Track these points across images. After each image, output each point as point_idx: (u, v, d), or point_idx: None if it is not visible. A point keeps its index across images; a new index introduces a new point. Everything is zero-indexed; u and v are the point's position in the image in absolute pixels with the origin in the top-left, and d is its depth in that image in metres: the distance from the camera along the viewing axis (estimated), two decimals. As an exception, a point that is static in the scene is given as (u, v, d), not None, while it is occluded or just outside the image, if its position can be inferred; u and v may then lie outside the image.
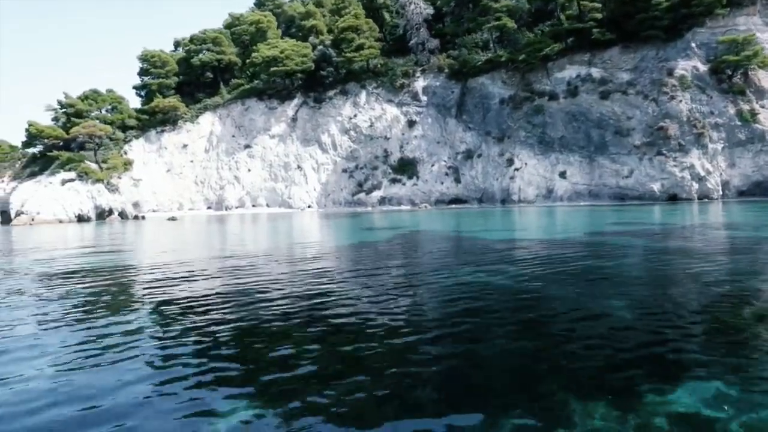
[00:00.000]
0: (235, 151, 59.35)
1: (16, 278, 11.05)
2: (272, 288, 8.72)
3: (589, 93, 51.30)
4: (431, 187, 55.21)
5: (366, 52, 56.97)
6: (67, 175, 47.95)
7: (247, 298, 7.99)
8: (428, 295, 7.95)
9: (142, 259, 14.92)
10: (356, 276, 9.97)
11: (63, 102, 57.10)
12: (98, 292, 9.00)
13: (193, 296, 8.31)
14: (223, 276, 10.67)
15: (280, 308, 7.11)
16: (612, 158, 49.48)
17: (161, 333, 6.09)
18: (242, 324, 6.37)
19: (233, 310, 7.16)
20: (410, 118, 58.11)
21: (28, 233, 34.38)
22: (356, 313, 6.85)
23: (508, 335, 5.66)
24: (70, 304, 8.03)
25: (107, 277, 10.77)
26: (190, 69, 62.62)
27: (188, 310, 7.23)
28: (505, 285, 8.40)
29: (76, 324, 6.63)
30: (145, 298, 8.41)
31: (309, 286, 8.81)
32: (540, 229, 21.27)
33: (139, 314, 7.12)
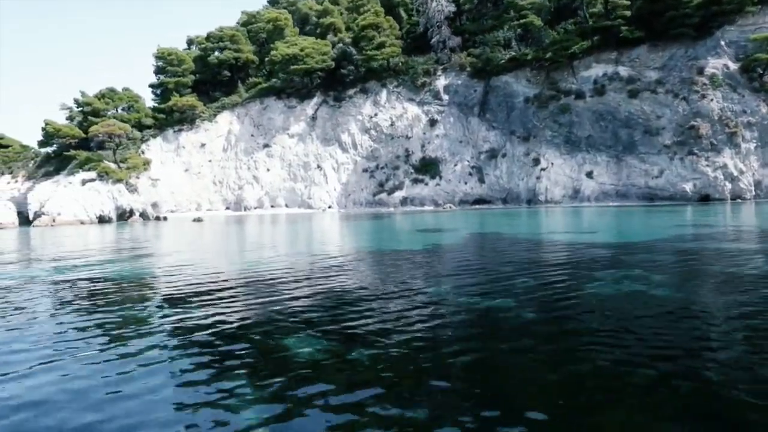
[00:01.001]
0: (254, 150, 58.41)
1: (67, 290, 10.16)
2: (369, 315, 7.65)
3: (617, 92, 50.50)
4: (454, 187, 54.35)
5: (387, 50, 56.08)
6: (87, 175, 46.97)
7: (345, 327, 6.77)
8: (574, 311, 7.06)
9: (190, 266, 13.99)
10: (465, 292, 9.08)
11: (80, 101, 56.11)
12: (154, 307, 8.11)
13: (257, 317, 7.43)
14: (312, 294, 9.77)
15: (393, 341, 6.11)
16: (641, 158, 48.70)
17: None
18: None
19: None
20: (432, 117, 57.25)
21: (54, 235, 33.42)
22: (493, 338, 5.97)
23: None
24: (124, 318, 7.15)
25: (168, 292, 9.89)
26: (206, 67, 61.64)
27: (262, 335, 6.32)
28: (651, 294, 7.53)
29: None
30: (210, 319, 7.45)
31: (414, 309, 7.91)
32: (607, 231, 20.41)
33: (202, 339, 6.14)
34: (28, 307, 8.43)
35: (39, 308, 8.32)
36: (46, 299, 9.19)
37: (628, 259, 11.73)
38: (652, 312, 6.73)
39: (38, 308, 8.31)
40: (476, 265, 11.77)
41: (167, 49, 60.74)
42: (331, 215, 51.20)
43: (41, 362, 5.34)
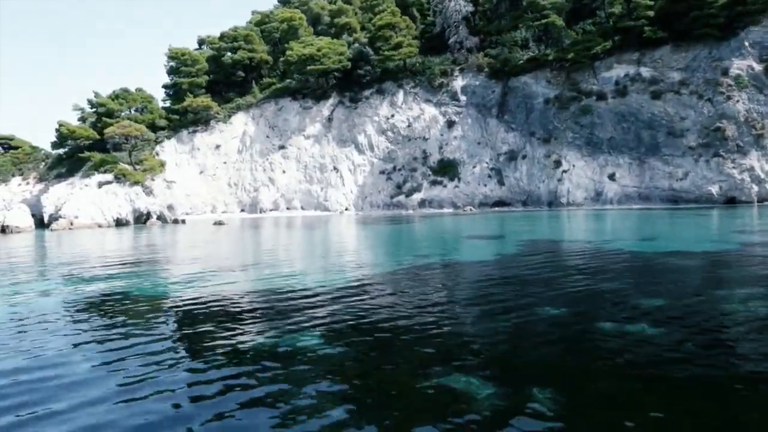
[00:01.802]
0: (269, 152, 57.64)
1: (115, 310, 9.45)
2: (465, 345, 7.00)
3: (640, 93, 49.88)
4: (474, 190, 53.69)
5: (405, 50, 55.38)
6: (103, 177, 46.18)
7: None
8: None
9: (234, 281, 13.26)
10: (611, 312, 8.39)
11: (93, 101, 55.28)
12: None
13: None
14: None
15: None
16: (665, 160, 48.11)
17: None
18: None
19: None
20: (449, 119, 56.56)
21: (75, 239, 32.66)
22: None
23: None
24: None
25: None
26: (220, 67, 60.82)
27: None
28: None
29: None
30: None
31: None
32: (669, 238, 19.71)
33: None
34: (81, 329, 7.73)
35: (92, 330, 7.63)
36: (97, 319, 8.50)
37: (735, 275, 11.05)
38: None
39: (91, 330, 7.62)
40: (580, 285, 11.03)
41: (180, 49, 59.90)
42: (349, 218, 50.51)
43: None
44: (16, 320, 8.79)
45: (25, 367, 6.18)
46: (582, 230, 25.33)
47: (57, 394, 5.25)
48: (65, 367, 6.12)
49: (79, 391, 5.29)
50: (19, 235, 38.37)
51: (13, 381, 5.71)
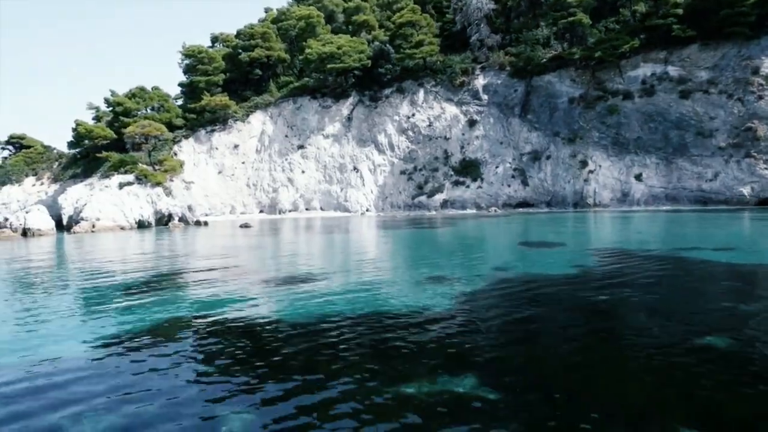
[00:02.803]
0: (288, 151, 56.76)
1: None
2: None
3: (667, 92, 49.15)
4: (497, 190, 52.90)
5: (426, 48, 54.53)
6: (123, 178, 45.23)
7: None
8: None
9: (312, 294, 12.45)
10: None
11: (110, 100, 54.27)
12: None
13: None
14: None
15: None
16: (693, 160, 47.42)
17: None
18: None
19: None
20: (471, 118, 55.75)
21: (104, 243, 31.79)
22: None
23: None
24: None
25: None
26: (237, 65, 59.81)
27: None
28: None
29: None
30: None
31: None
32: (747, 247, 18.95)
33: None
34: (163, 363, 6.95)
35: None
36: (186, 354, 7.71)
37: None
38: None
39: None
40: (716, 306, 10.20)
41: (197, 47, 58.88)
42: (373, 220, 49.73)
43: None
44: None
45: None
46: (642, 235, 24.55)
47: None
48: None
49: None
50: (42, 238, 37.46)
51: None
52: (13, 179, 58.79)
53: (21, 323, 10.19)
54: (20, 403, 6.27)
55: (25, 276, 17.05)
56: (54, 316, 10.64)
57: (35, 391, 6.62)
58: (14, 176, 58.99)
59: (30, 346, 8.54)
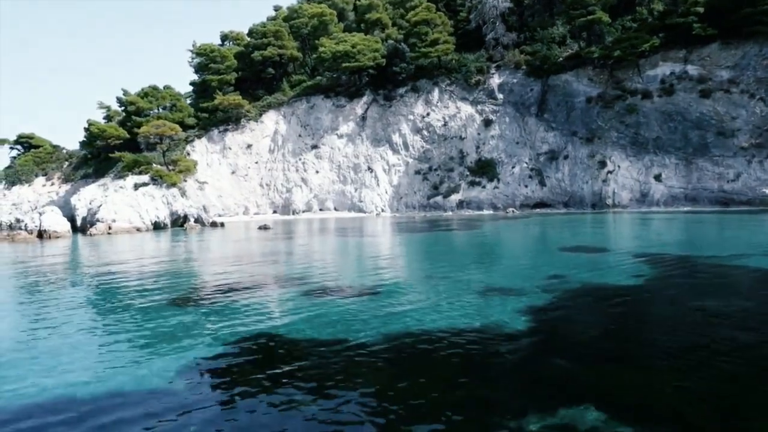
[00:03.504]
0: (302, 151, 56.15)
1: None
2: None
3: (687, 91, 48.61)
4: (514, 190, 52.35)
5: (441, 47, 53.91)
6: (138, 178, 44.62)
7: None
8: None
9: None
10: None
11: (123, 99, 53.62)
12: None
13: None
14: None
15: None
16: (714, 160, 46.91)
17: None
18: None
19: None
20: (486, 117, 55.16)
21: (126, 246, 31.21)
22: None
23: None
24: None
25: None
26: (249, 64, 59.12)
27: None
28: None
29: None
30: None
31: None
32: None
33: None
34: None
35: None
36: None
37: None
38: None
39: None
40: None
41: (209, 45, 58.20)
42: (390, 221, 49.18)
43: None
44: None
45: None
46: (682, 238, 24.02)
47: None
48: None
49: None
50: (58, 241, 36.85)
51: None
52: (23, 179, 58.18)
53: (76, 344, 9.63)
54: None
55: (59, 289, 16.45)
56: (105, 337, 10.08)
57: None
58: (24, 176, 58.38)
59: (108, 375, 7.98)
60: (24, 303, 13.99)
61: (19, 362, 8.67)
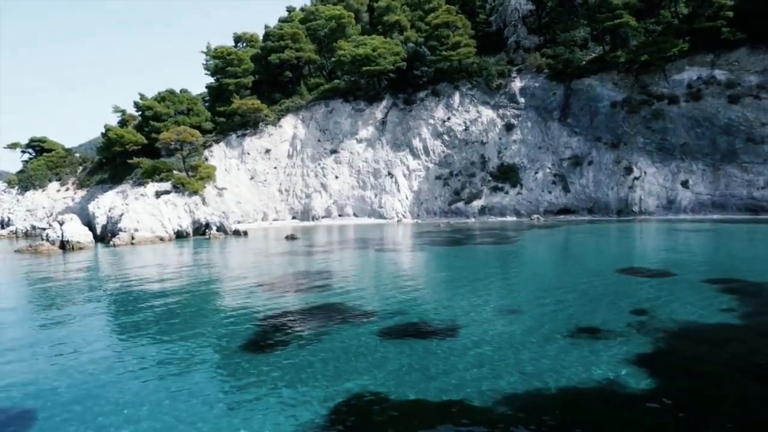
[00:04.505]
0: (321, 156, 55.34)
1: None
2: None
3: (715, 97, 47.91)
4: (538, 197, 51.64)
5: (463, 50, 53.09)
6: (160, 186, 43.78)
7: None
8: None
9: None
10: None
11: (140, 104, 52.70)
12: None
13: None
14: None
15: None
16: (743, 167, 46.26)
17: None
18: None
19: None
20: (508, 122, 54.41)
21: (163, 259, 30.44)
22: None
23: None
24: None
25: None
26: (266, 67, 58.17)
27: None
28: None
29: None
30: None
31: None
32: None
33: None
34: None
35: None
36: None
37: None
38: None
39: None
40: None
41: (225, 48, 57.24)
42: (411, 228, 48.46)
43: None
44: None
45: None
46: (744, 255, 23.32)
47: None
48: None
49: None
50: (82, 252, 36.02)
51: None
52: (36, 184, 57.29)
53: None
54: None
55: (120, 332, 15.65)
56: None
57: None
58: (37, 181, 57.47)
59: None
60: (91, 342, 13.17)
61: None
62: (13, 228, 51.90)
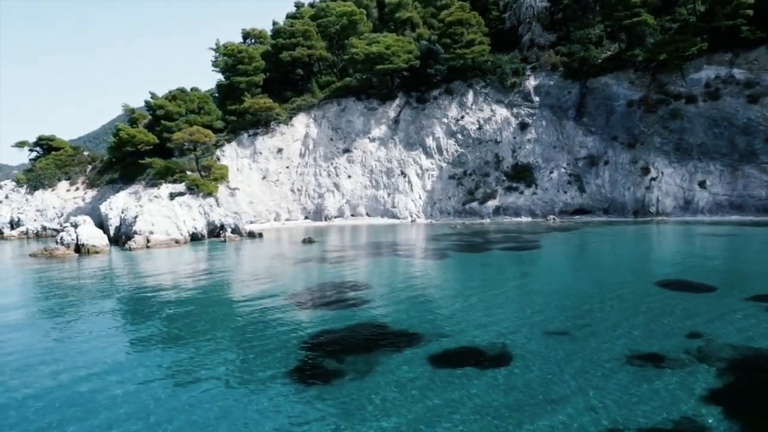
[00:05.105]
0: (334, 155, 54.82)
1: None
2: None
3: (734, 96, 47.29)
4: (553, 197, 51.18)
5: (477, 48, 52.44)
6: (174, 187, 43.34)
7: None
8: None
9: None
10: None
11: (151, 103, 52.11)
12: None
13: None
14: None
15: None
16: (762, 167, 45.75)
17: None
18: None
19: None
20: (522, 120, 53.82)
21: (183, 266, 30.05)
22: None
23: None
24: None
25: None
26: (276, 65, 57.50)
27: None
28: None
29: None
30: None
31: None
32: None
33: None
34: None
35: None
36: None
37: None
38: None
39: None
40: None
41: (236, 45, 56.55)
42: (427, 228, 48.08)
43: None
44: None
45: None
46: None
47: None
48: None
49: None
50: (98, 257, 35.65)
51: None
52: (45, 183, 56.81)
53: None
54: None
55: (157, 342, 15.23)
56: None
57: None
58: (46, 180, 56.98)
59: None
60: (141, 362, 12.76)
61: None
62: (23, 228, 51.53)
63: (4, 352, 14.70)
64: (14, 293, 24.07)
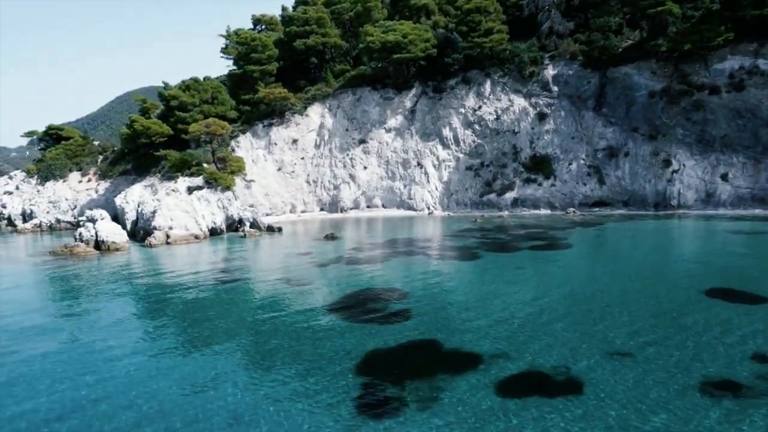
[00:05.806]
0: (349, 146, 54.09)
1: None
2: None
3: (759, 87, 46.55)
4: (572, 189, 50.60)
5: (496, 36, 51.41)
6: (191, 181, 42.72)
7: None
8: None
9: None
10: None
11: (164, 94, 51.19)
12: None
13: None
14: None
15: None
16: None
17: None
18: None
19: None
20: (540, 111, 53.00)
21: (210, 265, 29.55)
22: None
23: None
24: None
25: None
26: (289, 53, 56.38)
27: None
28: None
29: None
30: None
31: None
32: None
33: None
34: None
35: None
36: None
37: None
38: None
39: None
40: None
41: (249, 33, 55.37)
42: (447, 221, 47.62)
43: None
44: None
45: None
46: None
47: None
48: None
49: None
50: (119, 254, 35.22)
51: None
52: (56, 174, 56.11)
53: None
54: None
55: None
56: None
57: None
58: (57, 171, 56.28)
59: None
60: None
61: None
62: (37, 221, 51.03)
63: (59, 360, 14.42)
64: (44, 298, 23.70)
